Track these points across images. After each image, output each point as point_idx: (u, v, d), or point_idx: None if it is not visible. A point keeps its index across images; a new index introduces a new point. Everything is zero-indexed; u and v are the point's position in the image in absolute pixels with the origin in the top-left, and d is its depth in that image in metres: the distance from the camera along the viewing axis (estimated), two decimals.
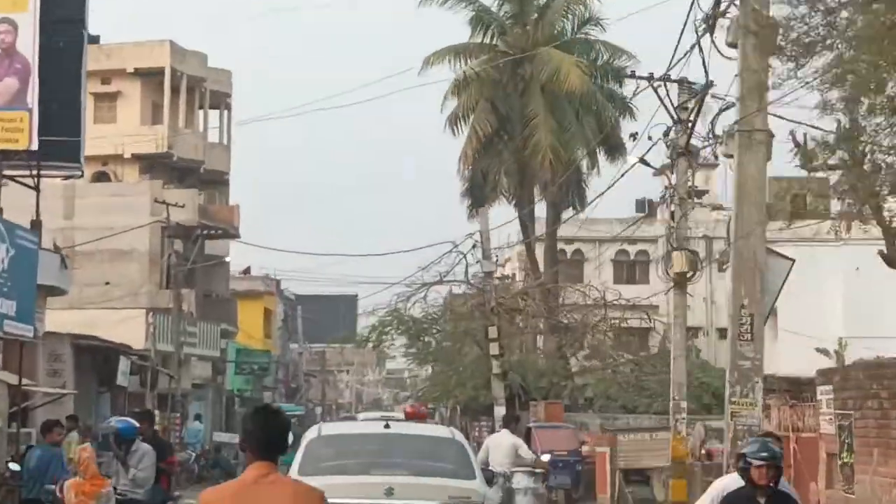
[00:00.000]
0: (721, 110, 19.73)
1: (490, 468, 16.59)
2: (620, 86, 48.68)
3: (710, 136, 21.71)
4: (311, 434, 13.22)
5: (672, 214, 23.81)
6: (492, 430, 41.15)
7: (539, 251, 50.92)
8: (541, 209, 49.12)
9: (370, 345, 42.88)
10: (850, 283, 47.03)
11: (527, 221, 49.10)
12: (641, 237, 69.89)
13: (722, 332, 38.92)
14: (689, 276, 23.78)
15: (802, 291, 49.59)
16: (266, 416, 6.14)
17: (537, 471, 20.41)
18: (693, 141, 22.82)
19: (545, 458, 28.56)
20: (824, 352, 47.93)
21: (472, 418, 42.32)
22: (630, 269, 69.34)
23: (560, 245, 52.96)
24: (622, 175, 26.56)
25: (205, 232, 47.35)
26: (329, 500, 6.28)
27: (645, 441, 25.26)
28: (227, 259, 45.78)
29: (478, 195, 51.76)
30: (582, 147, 44.67)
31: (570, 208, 52.27)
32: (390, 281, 45.48)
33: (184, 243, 47.78)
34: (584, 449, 30.66)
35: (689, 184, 23.46)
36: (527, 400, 40.94)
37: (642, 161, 23.66)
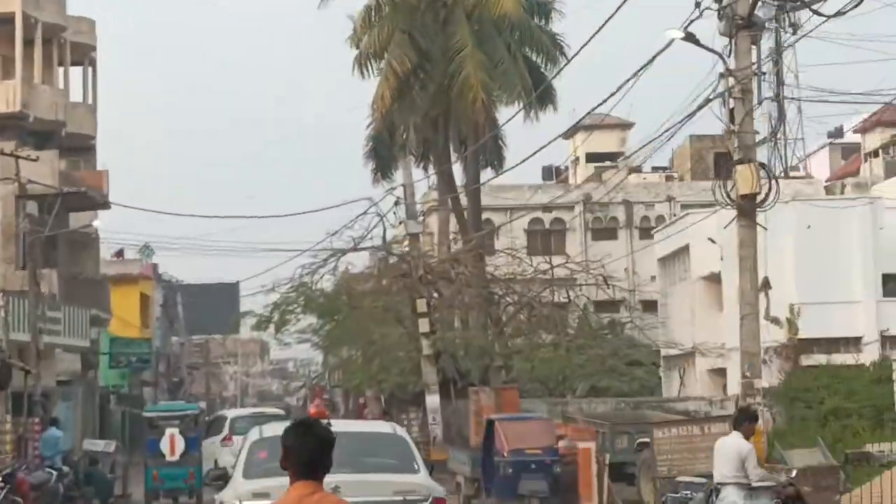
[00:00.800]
0: None
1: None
2: (547, 23, 42.34)
3: None
4: (252, 436, 12.91)
5: (731, 113, 16.97)
6: (422, 424, 34.44)
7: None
8: (455, 171, 42.44)
9: (272, 326, 35.71)
10: (802, 243, 41.94)
11: (443, 181, 42.52)
12: (556, 205, 64.75)
13: None
14: (758, 198, 17.09)
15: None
16: (307, 431, 5.76)
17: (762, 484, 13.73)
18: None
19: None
20: (775, 321, 42.56)
21: (399, 409, 35.48)
22: (545, 239, 63.60)
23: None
24: (650, 63, 18.80)
25: (67, 197, 39.51)
26: (273, 502, 6.04)
27: (694, 438, 18.57)
28: (95, 224, 38.19)
29: (383, 156, 45.00)
30: (519, 87, 37.87)
31: (489, 168, 46.00)
32: (294, 248, 38.24)
33: (42, 215, 40.03)
34: (561, 445, 24.04)
35: (754, 66, 16.63)
36: (464, 386, 34.27)
37: (688, 37, 16.65)
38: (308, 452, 5.72)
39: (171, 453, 25.95)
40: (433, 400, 32.93)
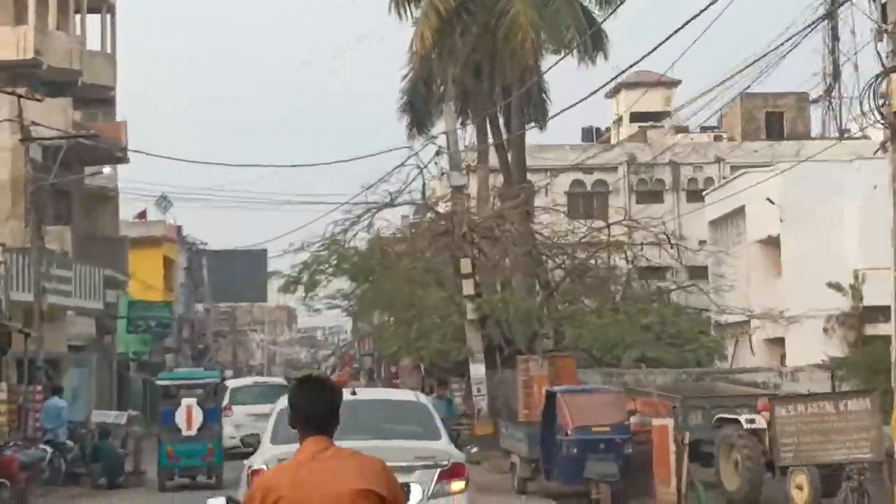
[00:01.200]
0: None
1: None
2: None
3: None
4: (281, 403, 12.67)
5: (883, 9, 13.58)
6: (466, 395, 31.38)
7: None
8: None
9: (300, 289, 32.53)
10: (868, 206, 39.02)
11: (483, 137, 39.38)
12: (599, 165, 61.91)
13: None
14: None
15: (810, 216, 41.27)
16: (311, 387, 5.57)
17: None
18: None
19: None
20: (837, 287, 39.31)
21: (439, 380, 32.27)
22: (587, 202, 60.67)
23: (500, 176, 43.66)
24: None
25: (80, 148, 36.33)
26: None
27: (827, 417, 15.26)
28: (105, 171, 35.01)
29: (419, 109, 41.81)
30: (571, 29, 34.52)
31: (533, 123, 42.86)
32: (324, 202, 34.86)
33: (47, 161, 36.88)
34: (633, 422, 20.90)
35: None
36: (510, 354, 31.15)
37: None
38: (316, 408, 5.53)
39: (188, 427, 22.87)
40: (478, 369, 29.84)
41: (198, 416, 22.78)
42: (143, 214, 63.49)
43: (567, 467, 20.26)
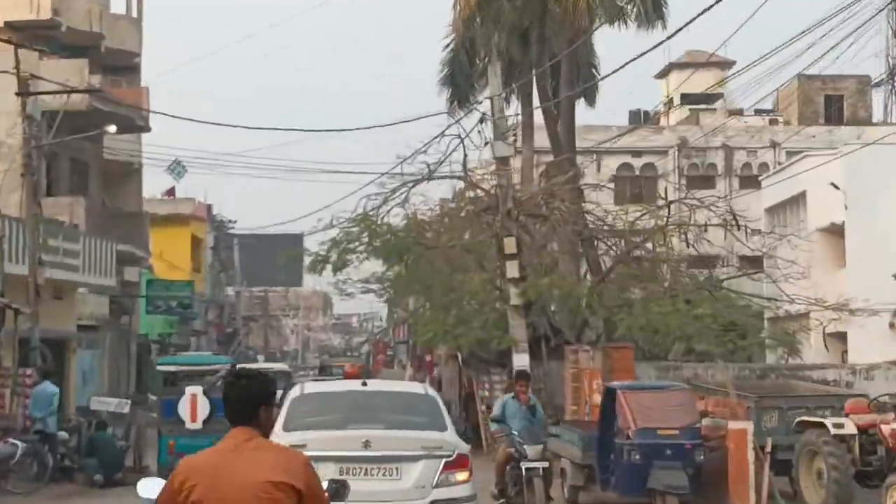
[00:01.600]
0: None
1: None
2: None
3: None
4: (294, 392, 13.56)
5: None
6: (507, 387, 28.51)
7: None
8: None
9: (329, 267, 29.66)
10: None
11: (529, 111, 36.57)
12: (648, 148, 59.27)
13: None
14: None
15: (875, 203, 38.26)
16: (238, 380, 5.64)
17: None
18: None
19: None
20: None
21: (478, 371, 29.37)
22: (635, 186, 57.89)
23: (544, 157, 40.92)
24: None
25: (97, 112, 33.55)
26: (310, 453, 6.54)
27: None
28: (111, 130, 32.09)
29: (460, 84, 39.07)
30: None
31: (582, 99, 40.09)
32: (362, 171, 32.30)
33: (44, 118, 34.15)
34: (705, 424, 17.93)
35: None
36: (557, 344, 28.22)
37: None
38: (242, 400, 5.53)
39: (192, 419, 20.04)
40: (521, 360, 26.88)
41: (204, 407, 19.88)
42: (171, 191, 61.31)
43: (627, 476, 17.34)
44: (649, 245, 30.09)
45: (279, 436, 11.75)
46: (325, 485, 6.22)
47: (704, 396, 20.39)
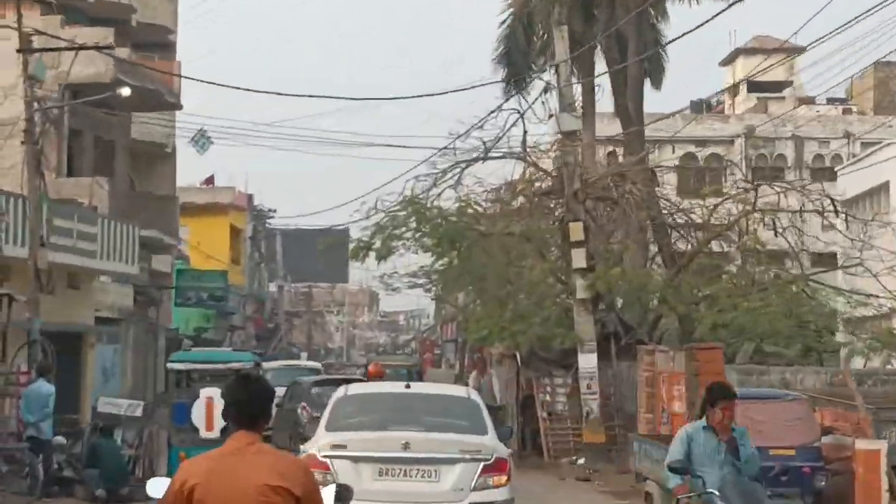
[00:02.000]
0: None
1: None
2: None
3: None
4: (338, 393, 13.70)
5: None
6: (571, 391, 25.40)
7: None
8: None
9: (372, 255, 26.57)
10: None
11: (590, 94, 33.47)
12: (713, 137, 56.47)
13: None
14: None
15: None
16: (243, 384, 5.73)
17: None
18: None
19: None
20: None
21: (538, 372, 26.11)
22: (699, 177, 54.79)
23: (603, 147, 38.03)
24: None
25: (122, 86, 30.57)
26: (350, 453, 9.24)
27: None
28: (124, 93, 28.90)
29: (517, 62, 36.12)
30: None
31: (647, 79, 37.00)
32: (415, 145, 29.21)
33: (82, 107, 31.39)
34: (825, 443, 14.66)
35: None
36: (630, 343, 24.98)
37: None
38: (248, 403, 5.60)
39: (208, 427, 16.97)
40: (589, 360, 23.78)
41: (221, 413, 16.77)
42: (210, 180, 58.93)
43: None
44: (741, 233, 26.86)
45: (321, 436, 12.51)
46: (332, 488, 6.92)
47: (817, 408, 17.11)
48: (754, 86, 62.42)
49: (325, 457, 11.94)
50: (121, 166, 36.04)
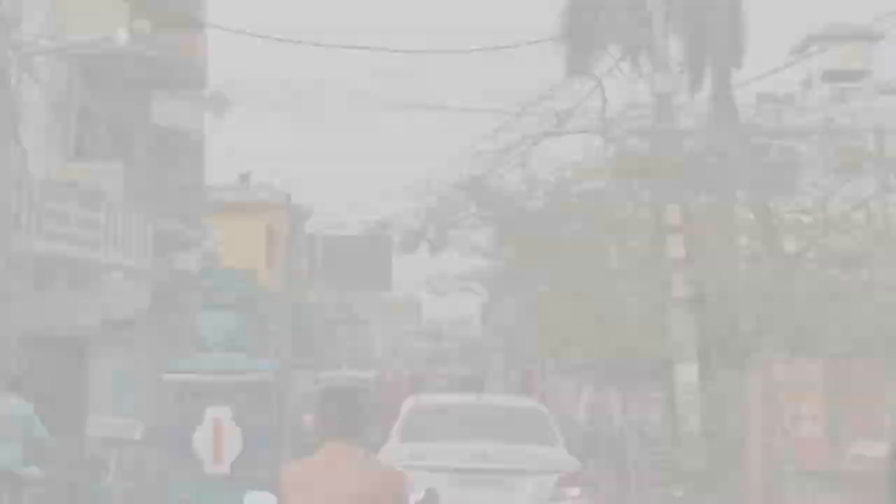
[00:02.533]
0: None
1: None
2: None
3: None
4: (409, 403, 13.96)
5: None
6: (666, 410, 21.30)
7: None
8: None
9: (421, 246, 22.58)
10: None
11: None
12: (787, 130, 52.43)
13: None
14: None
15: None
16: (331, 395, 6.06)
17: None
18: None
19: None
20: None
21: (623, 386, 21.97)
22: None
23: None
24: None
25: (141, 61, 26.99)
26: (425, 463, 8.96)
27: None
28: (122, 39, 25.06)
29: (581, 41, 32.15)
30: None
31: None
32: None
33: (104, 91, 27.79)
34: None
35: None
36: (738, 353, 20.83)
37: None
38: (333, 414, 5.96)
39: (217, 457, 12.77)
40: (689, 373, 19.64)
41: (233, 440, 12.52)
42: (246, 177, 55.96)
43: None
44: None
45: (396, 446, 12.87)
46: (421, 494, 7.59)
47: None
48: (830, 75, 59.04)
49: (403, 467, 10.54)
50: (140, 152, 32.36)
